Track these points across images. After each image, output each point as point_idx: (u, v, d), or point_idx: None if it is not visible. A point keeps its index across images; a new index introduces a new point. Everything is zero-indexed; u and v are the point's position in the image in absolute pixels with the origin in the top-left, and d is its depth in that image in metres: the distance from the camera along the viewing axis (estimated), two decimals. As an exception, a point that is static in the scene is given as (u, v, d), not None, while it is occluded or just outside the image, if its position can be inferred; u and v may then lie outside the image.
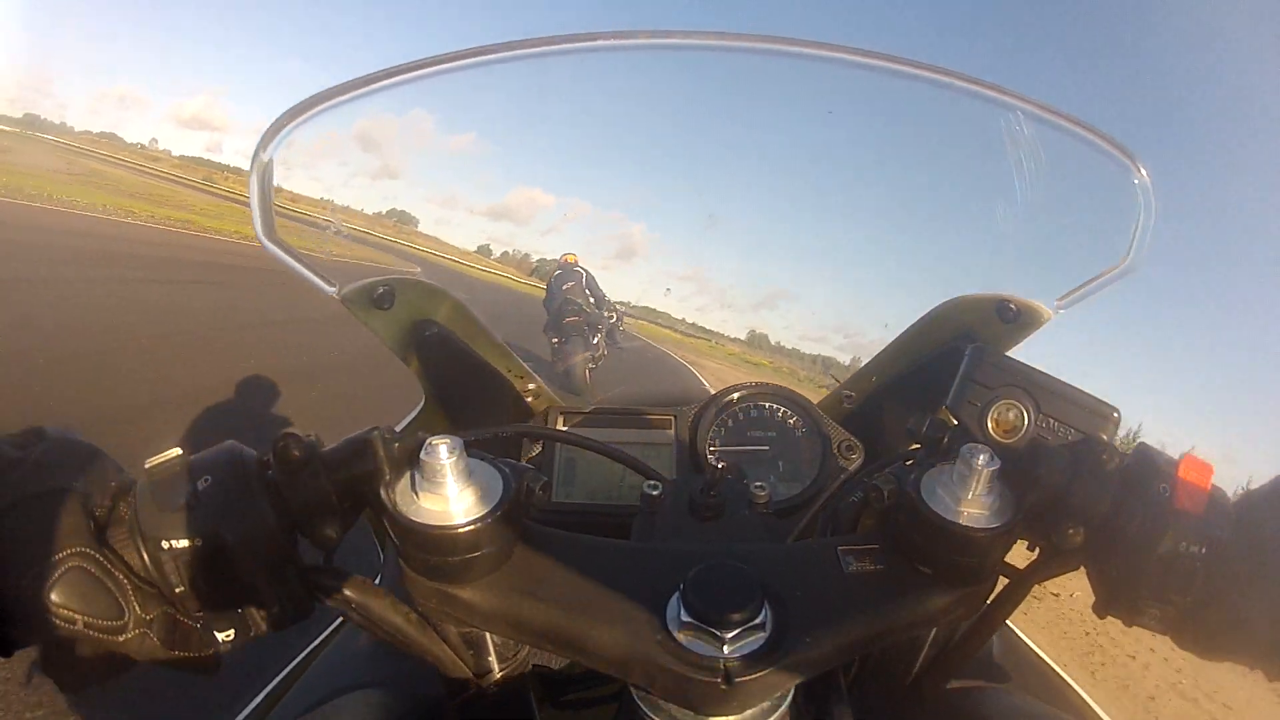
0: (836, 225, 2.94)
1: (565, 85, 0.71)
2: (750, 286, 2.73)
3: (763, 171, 3.31)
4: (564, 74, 0.68)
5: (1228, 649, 0.44)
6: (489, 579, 0.44)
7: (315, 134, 0.63)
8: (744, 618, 0.39)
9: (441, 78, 0.63)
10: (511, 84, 0.68)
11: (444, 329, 0.81)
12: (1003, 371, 0.52)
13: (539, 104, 0.75)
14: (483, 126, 0.96)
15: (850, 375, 0.94)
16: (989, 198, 0.92)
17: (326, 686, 0.66)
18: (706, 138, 1.95)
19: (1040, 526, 0.47)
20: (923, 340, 0.85)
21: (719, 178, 4.20)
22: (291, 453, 0.43)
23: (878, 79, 0.74)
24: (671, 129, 0.95)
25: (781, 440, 0.90)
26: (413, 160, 1.10)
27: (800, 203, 3.36)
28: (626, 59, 0.71)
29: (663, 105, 0.92)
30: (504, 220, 4.06)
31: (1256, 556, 0.42)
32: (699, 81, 0.81)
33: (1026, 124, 0.73)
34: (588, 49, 0.67)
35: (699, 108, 0.89)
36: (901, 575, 0.45)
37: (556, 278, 1.65)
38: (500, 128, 1.04)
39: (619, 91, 0.82)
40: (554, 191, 11.77)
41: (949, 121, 0.81)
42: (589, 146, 3.19)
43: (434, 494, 0.42)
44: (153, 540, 0.40)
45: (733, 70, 0.76)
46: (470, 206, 2.91)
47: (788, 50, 0.70)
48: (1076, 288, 0.78)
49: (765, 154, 2.05)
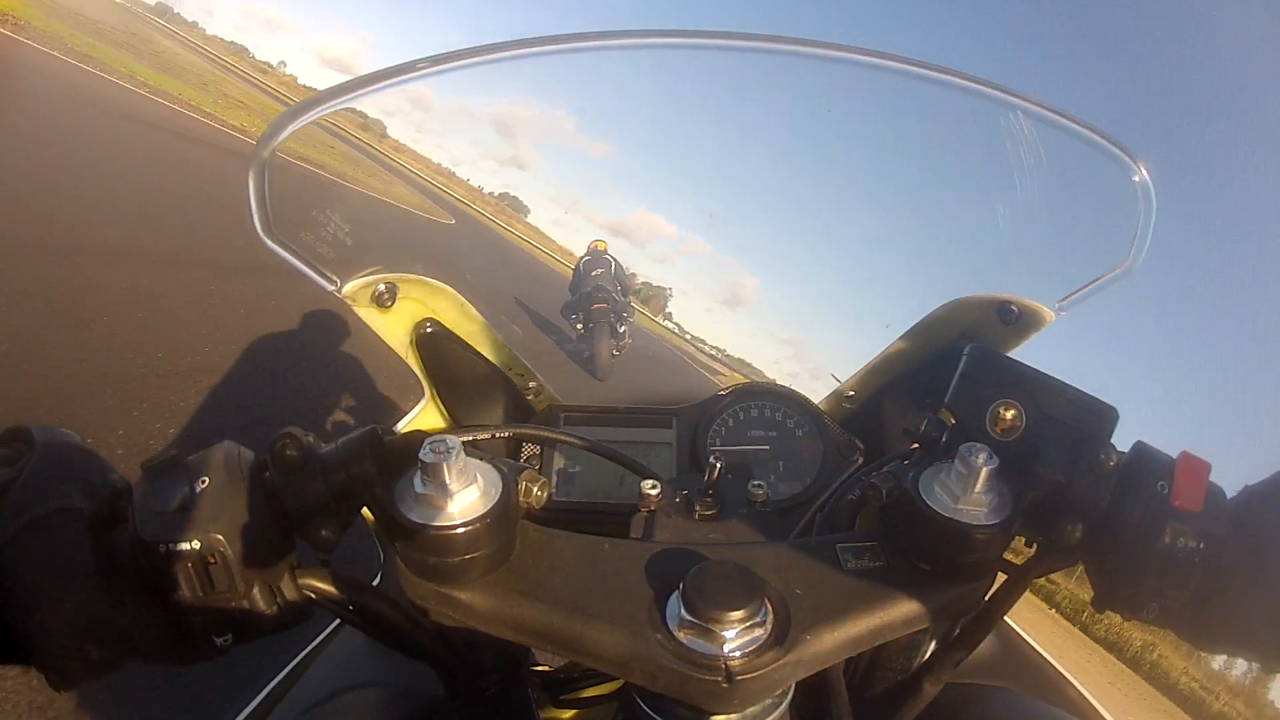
0: (836, 225, 2.93)
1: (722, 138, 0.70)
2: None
3: (762, 172, 3.29)
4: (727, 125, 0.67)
5: (1226, 643, 0.44)
6: (488, 579, 0.44)
7: (450, 102, 0.61)
8: (744, 616, 0.39)
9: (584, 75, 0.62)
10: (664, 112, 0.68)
11: (445, 327, 0.81)
12: (1001, 371, 0.52)
13: (693, 133, 0.75)
14: (621, 141, 0.96)
15: (851, 376, 0.94)
16: (989, 198, 0.92)
17: (326, 687, 0.66)
18: (704, 139, 1.93)
19: (1039, 523, 0.47)
20: (924, 341, 0.85)
21: (719, 178, 4.14)
22: (288, 453, 0.43)
23: (878, 78, 0.74)
24: (666, 125, 0.95)
25: (781, 440, 0.90)
26: (546, 155, 1.08)
27: (800, 203, 3.33)
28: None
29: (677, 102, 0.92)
30: (621, 238, 3.96)
31: (1254, 552, 0.42)
32: (697, 82, 0.81)
33: (1027, 123, 0.73)
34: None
35: (698, 108, 0.89)
36: (901, 572, 0.45)
37: (585, 263, 1.73)
38: (637, 146, 1.05)
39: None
40: (676, 223, 11.70)
41: (949, 121, 0.81)
42: (718, 184, 3.13)
43: (432, 494, 0.42)
44: (150, 543, 0.40)
45: (731, 70, 0.76)
46: (590, 214, 2.96)
47: (787, 50, 0.70)
48: (1078, 289, 0.78)
49: (764, 153, 2.03)
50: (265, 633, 0.45)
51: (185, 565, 0.41)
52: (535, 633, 0.43)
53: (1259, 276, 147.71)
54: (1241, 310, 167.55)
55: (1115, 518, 0.45)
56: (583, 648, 0.42)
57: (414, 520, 0.42)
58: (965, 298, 0.82)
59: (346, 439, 0.45)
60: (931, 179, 1.02)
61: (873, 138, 1.00)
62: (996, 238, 0.92)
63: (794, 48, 0.69)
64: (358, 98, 0.63)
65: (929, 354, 0.84)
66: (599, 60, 0.71)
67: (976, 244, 0.98)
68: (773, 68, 0.74)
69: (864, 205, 1.13)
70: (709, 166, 4.11)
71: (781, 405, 0.91)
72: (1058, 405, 0.50)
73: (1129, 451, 0.47)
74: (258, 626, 0.44)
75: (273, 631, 0.45)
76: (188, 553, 0.40)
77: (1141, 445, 0.47)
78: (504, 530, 0.43)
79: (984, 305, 0.81)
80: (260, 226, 0.61)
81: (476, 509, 0.42)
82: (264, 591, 0.43)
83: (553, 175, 3.83)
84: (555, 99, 0.78)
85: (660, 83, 0.80)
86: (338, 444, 0.45)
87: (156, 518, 0.41)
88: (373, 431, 0.45)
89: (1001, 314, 0.80)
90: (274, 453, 0.43)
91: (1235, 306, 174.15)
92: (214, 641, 0.43)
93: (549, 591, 0.43)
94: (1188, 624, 0.45)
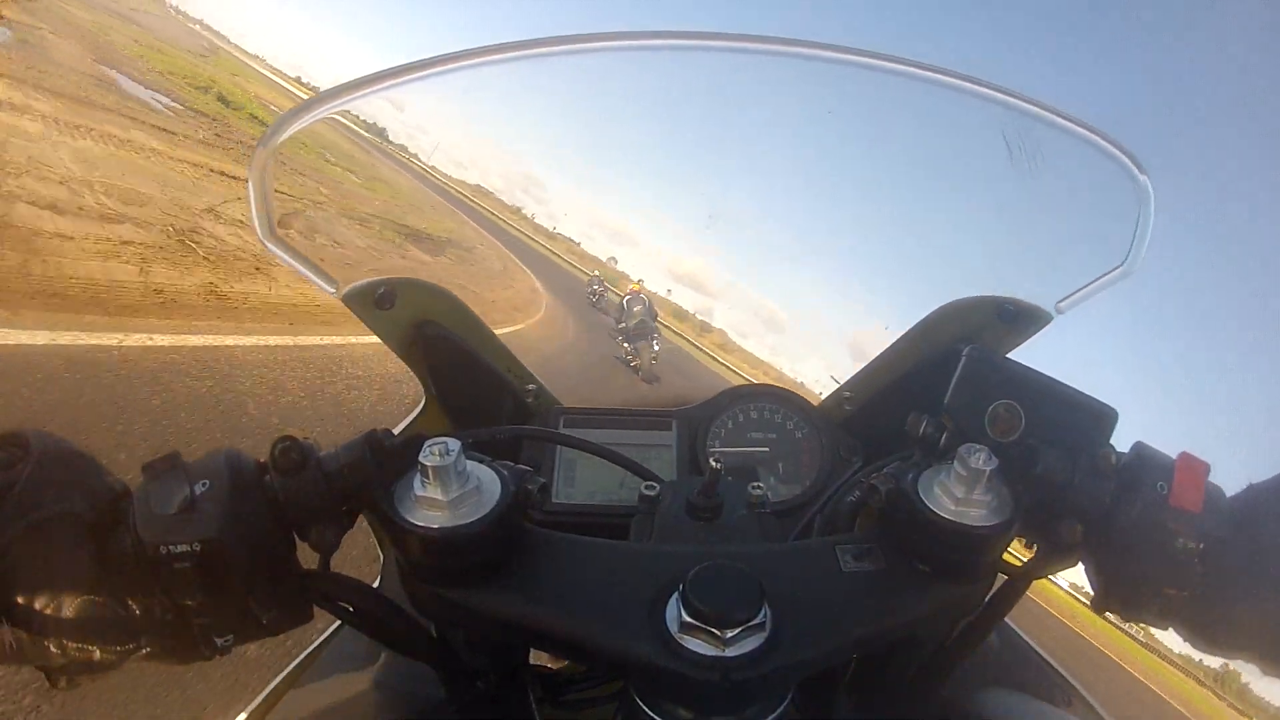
0: (835, 225, 2.92)
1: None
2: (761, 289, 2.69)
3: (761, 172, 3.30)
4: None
5: (1226, 644, 0.44)
6: (488, 581, 0.44)
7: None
8: (743, 617, 0.39)
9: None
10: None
11: (445, 329, 0.81)
12: (1000, 372, 0.52)
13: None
14: (620, 141, 0.97)
15: (850, 377, 0.94)
16: (989, 199, 0.92)
17: (326, 687, 0.66)
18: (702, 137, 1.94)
19: (1038, 524, 0.47)
20: (923, 342, 0.85)
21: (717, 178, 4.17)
22: (289, 456, 0.43)
23: (878, 79, 0.74)
24: (665, 125, 0.95)
25: (781, 442, 0.90)
26: (551, 155, 1.08)
27: (800, 204, 3.34)
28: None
29: (648, 103, 0.92)
30: (625, 246, 3.74)
31: (1253, 553, 0.42)
32: (691, 81, 0.81)
33: (1026, 124, 0.73)
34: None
35: (694, 107, 0.90)
36: (900, 574, 0.45)
37: (628, 301, 2.24)
38: (635, 146, 1.07)
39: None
40: (680, 225, 11.11)
41: (949, 122, 0.81)
42: (718, 184, 3.02)
43: (433, 496, 0.42)
44: (151, 545, 0.40)
45: (728, 70, 0.76)
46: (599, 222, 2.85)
47: (787, 50, 0.70)
48: (1077, 289, 0.78)
49: (764, 154, 2.05)
50: (265, 634, 0.45)
51: (186, 567, 0.41)
52: (535, 634, 0.43)
53: (1259, 277, 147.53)
54: (1241, 310, 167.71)
55: (1115, 519, 0.45)
56: (583, 649, 0.42)
57: (414, 523, 0.42)
58: (964, 299, 0.83)
59: (347, 442, 0.45)
60: (930, 180, 1.02)
61: (872, 139, 1.00)
62: (995, 238, 0.92)
63: (795, 50, 0.69)
64: (359, 98, 0.63)
65: (928, 355, 0.84)
66: (598, 60, 0.71)
67: (975, 245, 0.98)
68: (773, 70, 0.74)
69: (863, 206, 1.13)
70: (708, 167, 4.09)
71: (781, 407, 0.91)
72: (1057, 406, 0.50)
73: (1129, 452, 0.47)
74: (258, 628, 0.44)
75: (273, 633, 0.45)
76: (188, 554, 0.40)
77: (1141, 446, 0.47)
78: (504, 532, 0.43)
79: (983, 306, 0.81)
80: (261, 228, 0.62)
81: (476, 511, 0.42)
82: (264, 593, 0.43)
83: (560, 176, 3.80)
84: (554, 99, 0.78)
85: (660, 83, 0.80)
86: (338, 447, 0.45)
87: (158, 520, 0.41)
88: (373, 434, 0.45)
89: (1000, 315, 0.80)
90: (274, 456, 0.43)
91: (1240, 307, 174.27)
92: (214, 642, 0.43)
93: (549, 593, 0.43)
94: (1188, 625, 0.45)
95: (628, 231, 1.53)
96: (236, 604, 0.43)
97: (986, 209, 0.95)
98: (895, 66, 0.70)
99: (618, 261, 1.67)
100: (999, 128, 0.74)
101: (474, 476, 0.44)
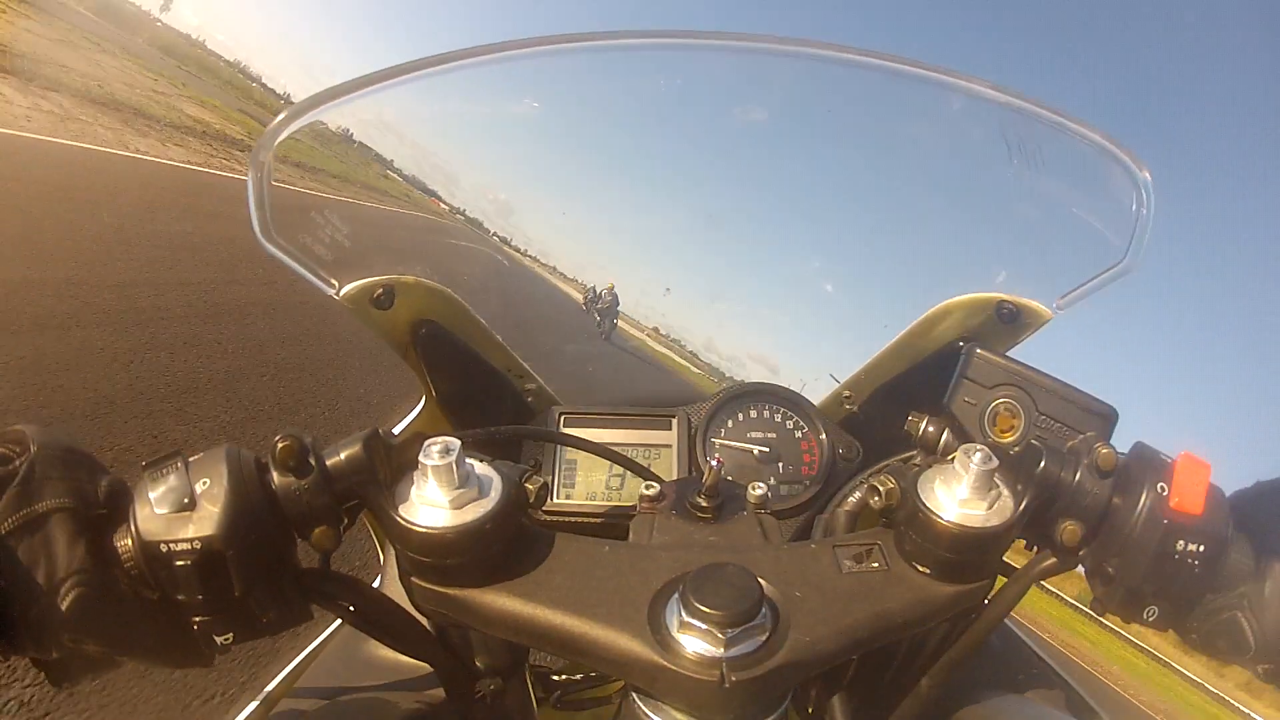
0: (834, 224, 2.93)
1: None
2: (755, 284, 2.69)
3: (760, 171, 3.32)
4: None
5: (1227, 647, 0.44)
6: (488, 581, 0.44)
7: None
8: (743, 618, 0.39)
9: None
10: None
11: (443, 329, 0.81)
12: (1000, 371, 0.52)
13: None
14: (618, 142, 0.98)
15: (850, 376, 0.94)
16: (989, 197, 0.92)
17: (326, 687, 0.66)
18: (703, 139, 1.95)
19: (1039, 525, 0.47)
20: (922, 341, 0.85)
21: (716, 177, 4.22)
22: (290, 455, 0.43)
23: (877, 79, 0.74)
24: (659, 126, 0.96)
25: (781, 441, 0.90)
26: (539, 156, 1.08)
27: (798, 203, 3.36)
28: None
29: (631, 104, 0.92)
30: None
31: (1254, 554, 0.42)
32: (687, 81, 0.81)
33: (1026, 123, 0.73)
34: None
35: (691, 107, 0.89)
36: (899, 574, 0.45)
37: (604, 292, 2.38)
38: (631, 146, 1.09)
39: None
40: (672, 221, 10.91)
41: (949, 121, 0.81)
42: (716, 185, 3.04)
43: (432, 496, 0.42)
44: (151, 543, 0.40)
45: (727, 70, 0.76)
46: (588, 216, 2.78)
47: (787, 50, 0.70)
48: (1076, 287, 0.78)
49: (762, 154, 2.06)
50: (265, 633, 0.45)
51: (185, 565, 0.41)
52: (535, 634, 0.43)
53: (1259, 276, 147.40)
54: (1249, 311, 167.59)
55: (1115, 520, 0.44)
56: (582, 649, 0.42)
57: (414, 522, 0.42)
58: (963, 297, 0.82)
59: (347, 441, 0.45)
60: (929, 178, 1.02)
61: (871, 138, 1.00)
62: (994, 237, 0.92)
63: (793, 49, 0.69)
64: (356, 99, 0.63)
65: (928, 354, 0.84)
66: (597, 61, 0.71)
67: (974, 243, 0.98)
68: (771, 69, 0.74)
69: (862, 204, 1.14)
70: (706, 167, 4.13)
71: (781, 406, 0.91)
72: (1057, 405, 0.50)
73: (1129, 452, 0.47)
74: (258, 627, 0.44)
75: (273, 632, 0.45)
76: (188, 552, 0.40)
77: (1141, 446, 0.47)
78: (504, 532, 0.43)
79: (982, 304, 0.80)
80: (259, 229, 0.61)
81: (476, 511, 0.42)
82: (264, 592, 0.43)
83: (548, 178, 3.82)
84: (553, 100, 0.78)
85: (657, 84, 0.80)
86: (338, 446, 0.45)
87: (157, 518, 0.41)
88: (373, 433, 0.45)
89: (1000, 313, 0.80)
90: (275, 454, 0.43)
91: (1242, 307, 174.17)
92: (214, 641, 0.43)
93: (549, 593, 0.43)
94: (1188, 628, 0.45)
95: (620, 243, 1.55)
96: (236, 603, 0.43)
97: (986, 207, 0.95)
98: (894, 66, 0.70)
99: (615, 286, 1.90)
100: (998, 126, 0.74)
101: (474, 476, 0.44)
